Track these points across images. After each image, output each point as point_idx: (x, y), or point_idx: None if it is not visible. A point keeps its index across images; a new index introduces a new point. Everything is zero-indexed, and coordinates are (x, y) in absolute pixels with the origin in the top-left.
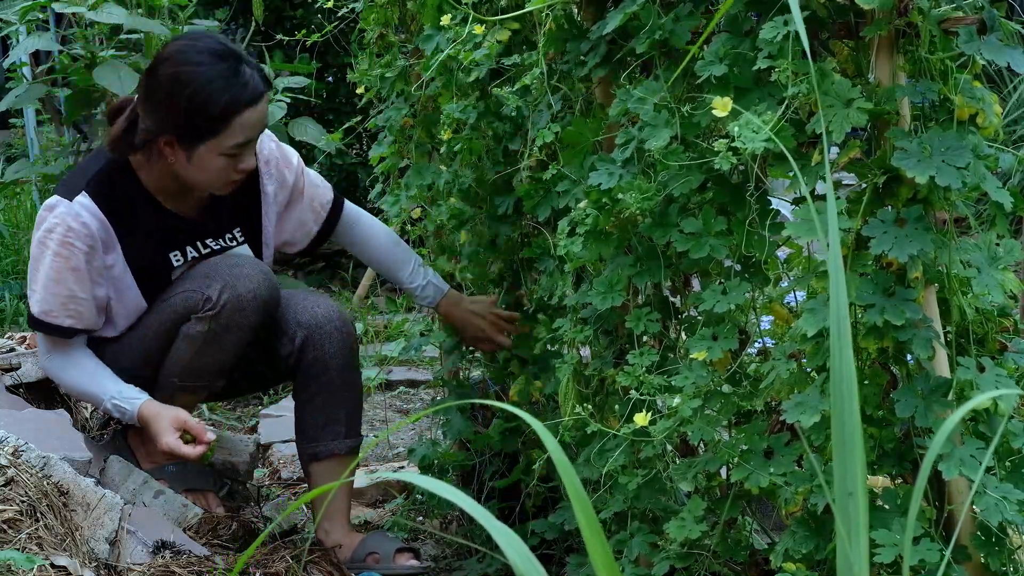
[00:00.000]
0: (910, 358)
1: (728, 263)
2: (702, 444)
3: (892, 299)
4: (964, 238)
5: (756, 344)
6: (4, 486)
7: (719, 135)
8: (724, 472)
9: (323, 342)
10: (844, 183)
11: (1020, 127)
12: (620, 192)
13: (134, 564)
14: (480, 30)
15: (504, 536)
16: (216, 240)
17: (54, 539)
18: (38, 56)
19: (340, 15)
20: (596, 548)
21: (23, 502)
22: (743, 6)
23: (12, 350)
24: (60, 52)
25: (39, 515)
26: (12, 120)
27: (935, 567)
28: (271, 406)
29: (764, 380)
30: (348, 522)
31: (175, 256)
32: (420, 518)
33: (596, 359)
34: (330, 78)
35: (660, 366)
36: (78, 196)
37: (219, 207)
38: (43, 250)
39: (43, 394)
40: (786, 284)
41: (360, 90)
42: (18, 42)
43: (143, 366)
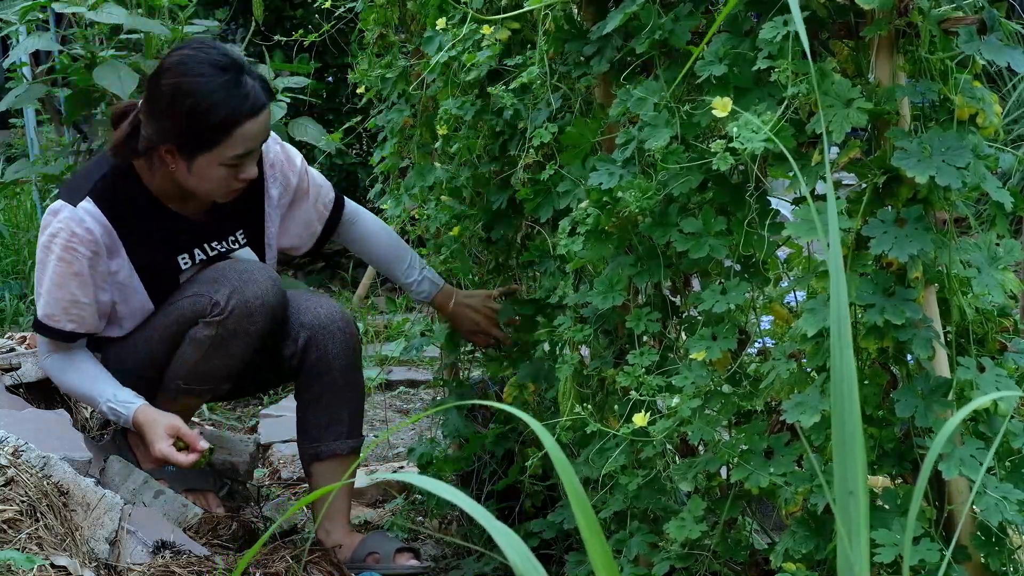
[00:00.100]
0: (910, 358)
1: (728, 263)
2: (702, 444)
3: (892, 299)
4: (964, 238)
5: (756, 344)
6: (4, 486)
7: (719, 135)
8: (724, 472)
9: (326, 342)
10: (844, 183)
11: (1019, 126)
12: (620, 192)
13: (134, 564)
14: (488, 30)
15: (503, 536)
16: (220, 242)
17: (54, 539)
18: (38, 56)
19: (338, 15)
20: (595, 548)
21: (23, 502)
22: (743, 6)
23: (12, 350)
24: (60, 52)
25: (39, 515)
26: (12, 120)
27: (935, 567)
28: (271, 406)
29: (764, 380)
30: (348, 522)
31: (183, 259)
32: (420, 518)
33: (596, 359)
34: (330, 78)
35: (660, 366)
36: (82, 202)
37: (223, 209)
38: (47, 254)
39: (43, 394)
40: (786, 284)
41: (360, 90)
42: (18, 42)
43: (148, 367)
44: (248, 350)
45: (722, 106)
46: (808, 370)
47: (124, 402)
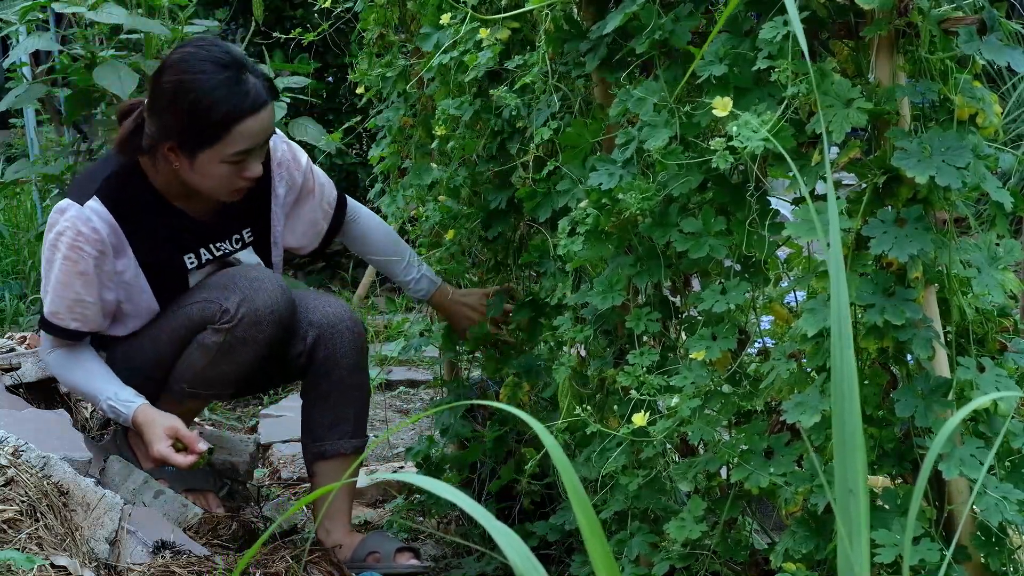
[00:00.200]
0: (910, 358)
1: (728, 263)
2: (702, 444)
3: (892, 299)
4: (964, 238)
5: (756, 344)
6: (4, 486)
7: (719, 135)
8: (724, 472)
9: (334, 341)
10: (844, 183)
11: (1018, 125)
12: (620, 192)
13: (134, 564)
14: (485, 33)
15: (503, 535)
16: (227, 241)
17: (54, 539)
18: (38, 56)
19: (336, 14)
20: (596, 548)
21: (23, 502)
22: (743, 6)
23: (12, 350)
24: (60, 52)
25: (39, 515)
26: (12, 120)
27: (935, 567)
28: (271, 406)
29: (764, 380)
30: (349, 522)
31: (189, 259)
32: (420, 518)
33: (596, 359)
34: (330, 78)
35: (660, 366)
36: (89, 200)
37: (230, 208)
38: (54, 253)
39: (43, 394)
40: (786, 284)
41: (360, 90)
42: (18, 42)
43: (154, 368)
44: (256, 357)
45: (722, 106)
46: (808, 370)
47: (125, 401)
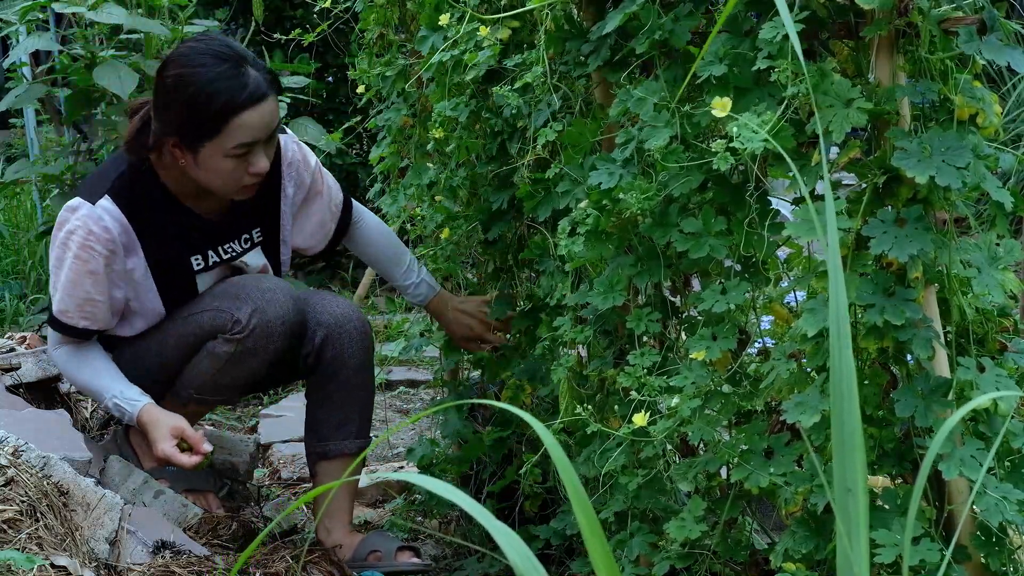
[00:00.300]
0: (910, 358)
1: (728, 263)
2: (702, 444)
3: (892, 299)
4: (964, 238)
5: (756, 344)
6: (4, 486)
7: (719, 135)
8: (724, 472)
9: (342, 341)
10: (844, 183)
11: (1018, 125)
12: (620, 192)
13: (134, 564)
14: (485, 31)
15: (504, 536)
16: (236, 241)
17: (54, 539)
18: (38, 56)
19: (334, 14)
20: (596, 548)
21: (23, 502)
22: (743, 6)
23: (12, 350)
24: (60, 52)
25: (39, 515)
26: (12, 120)
27: (935, 567)
28: (271, 406)
29: (764, 380)
30: (350, 522)
31: (196, 260)
32: (420, 518)
33: (596, 359)
34: (330, 78)
35: (660, 366)
36: (101, 200)
37: (239, 207)
38: (65, 251)
39: (43, 394)
40: (786, 284)
41: (360, 89)
42: (18, 42)
43: (160, 371)
44: (265, 365)
45: (722, 106)
46: (808, 370)
47: (130, 400)
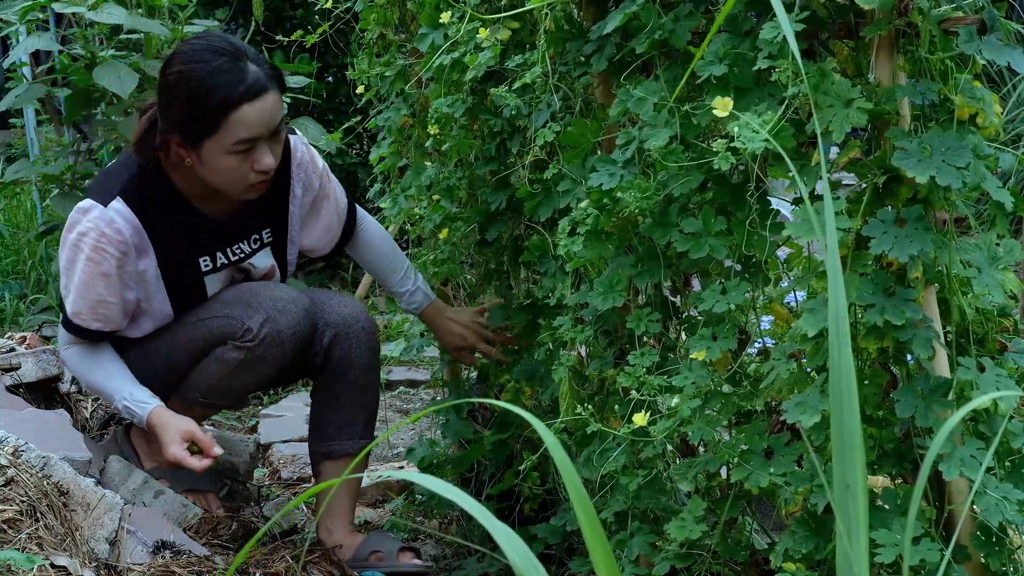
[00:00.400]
0: (910, 358)
1: (728, 263)
2: (702, 444)
3: (892, 299)
4: (964, 238)
5: (756, 344)
6: (4, 486)
7: (719, 135)
8: (724, 472)
9: (350, 341)
10: (844, 183)
11: (1018, 125)
12: (620, 192)
13: (134, 564)
14: (484, 33)
15: (504, 535)
16: (245, 242)
17: (54, 539)
18: (38, 56)
19: (335, 14)
20: (597, 548)
21: (23, 502)
22: (743, 6)
23: (12, 350)
24: (60, 52)
25: (39, 515)
26: (12, 120)
27: (935, 567)
28: (271, 406)
29: (764, 380)
30: (351, 522)
31: (204, 261)
32: (420, 518)
33: (596, 359)
34: (330, 78)
35: (660, 366)
36: (113, 201)
37: (248, 207)
38: (76, 253)
39: (43, 394)
40: (786, 284)
41: (360, 89)
42: (18, 42)
43: (168, 373)
44: (273, 372)
45: (722, 106)
46: (808, 370)
47: (140, 402)
